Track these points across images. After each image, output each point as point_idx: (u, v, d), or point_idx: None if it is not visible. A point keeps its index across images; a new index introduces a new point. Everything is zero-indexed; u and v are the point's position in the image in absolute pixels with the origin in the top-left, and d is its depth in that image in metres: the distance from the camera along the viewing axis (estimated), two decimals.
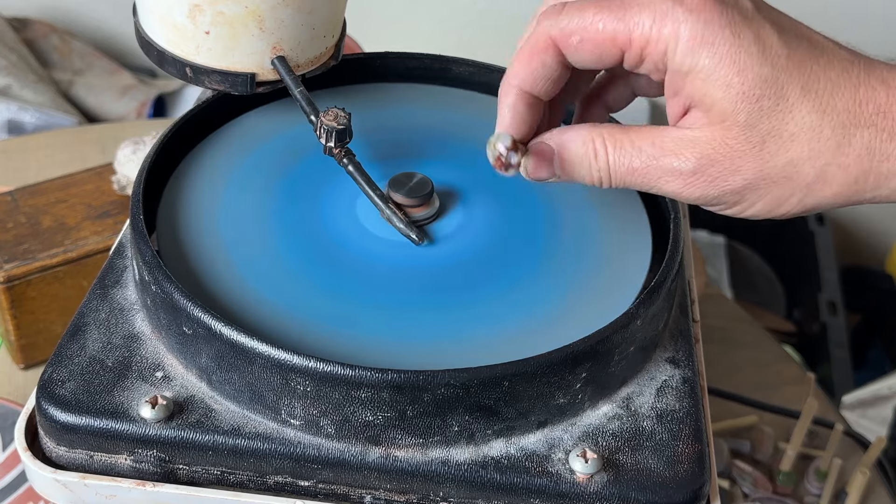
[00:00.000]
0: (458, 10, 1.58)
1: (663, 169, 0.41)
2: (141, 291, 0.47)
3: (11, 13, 1.52)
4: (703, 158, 0.40)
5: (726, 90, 0.39)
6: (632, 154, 0.42)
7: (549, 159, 0.44)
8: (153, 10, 0.52)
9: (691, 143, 0.41)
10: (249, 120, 0.58)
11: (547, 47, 0.42)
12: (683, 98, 0.41)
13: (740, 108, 0.39)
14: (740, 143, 0.40)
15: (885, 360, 1.42)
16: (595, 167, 0.43)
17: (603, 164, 0.42)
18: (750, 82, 0.39)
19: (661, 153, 0.41)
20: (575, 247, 0.51)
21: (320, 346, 0.44)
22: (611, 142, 0.42)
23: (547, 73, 0.43)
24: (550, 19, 0.42)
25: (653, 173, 0.41)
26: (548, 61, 0.43)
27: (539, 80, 0.43)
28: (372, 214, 0.51)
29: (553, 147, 0.44)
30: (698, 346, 0.50)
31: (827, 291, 1.35)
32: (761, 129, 0.40)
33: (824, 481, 0.73)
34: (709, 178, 0.41)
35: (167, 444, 0.42)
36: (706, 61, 0.39)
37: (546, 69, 0.43)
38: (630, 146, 0.42)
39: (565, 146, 0.43)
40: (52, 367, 0.44)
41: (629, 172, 0.42)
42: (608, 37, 0.41)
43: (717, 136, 0.40)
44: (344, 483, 0.43)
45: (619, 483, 0.41)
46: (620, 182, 0.43)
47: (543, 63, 0.43)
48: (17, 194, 0.76)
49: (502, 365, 0.41)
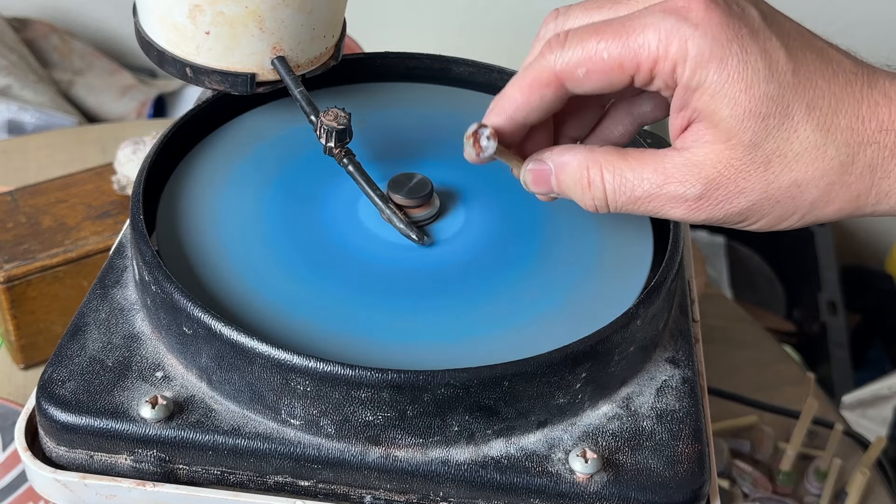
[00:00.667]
0: (458, 10, 1.58)
1: (668, 196, 0.41)
2: (141, 291, 0.47)
3: (11, 13, 1.52)
4: (709, 183, 0.40)
5: (733, 107, 0.39)
6: (633, 183, 0.41)
7: (547, 178, 0.44)
8: (153, 11, 0.52)
9: (696, 168, 0.40)
10: (249, 120, 0.58)
11: (549, 82, 0.42)
12: (690, 112, 0.41)
13: (746, 126, 0.39)
14: (745, 164, 0.40)
15: (885, 360, 1.42)
16: (589, 195, 0.43)
17: (599, 194, 0.42)
18: (756, 100, 0.39)
19: (665, 181, 0.41)
20: (575, 247, 0.51)
21: (320, 346, 0.44)
22: (608, 171, 0.42)
23: (543, 106, 0.42)
24: (554, 52, 0.41)
25: (657, 201, 0.41)
26: (547, 96, 0.42)
27: (533, 113, 0.43)
28: (372, 214, 0.51)
29: (551, 167, 0.43)
30: (698, 346, 0.50)
31: (827, 291, 1.35)
32: (766, 149, 0.39)
33: (824, 481, 0.73)
34: (714, 201, 0.41)
35: (167, 444, 0.42)
36: (714, 77, 0.39)
37: (543, 103, 0.42)
38: (631, 174, 0.42)
39: (563, 168, 0.43)
40: (52, 367, 0.44)
41: (631, 201, 0.42)
42: (615, 64, 0.40)
43: (723, 157, 0.40)
44: (344, 483, 0.43)
45: (619, 483, 0.41)
46: (620, 210, 0.42)
47: (542, 97, 0.42)
48: (17, 194, 0.76)
49: (502, 365, 0.41)
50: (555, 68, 0.41)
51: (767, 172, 0.40)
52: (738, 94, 0.39)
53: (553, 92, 0.42)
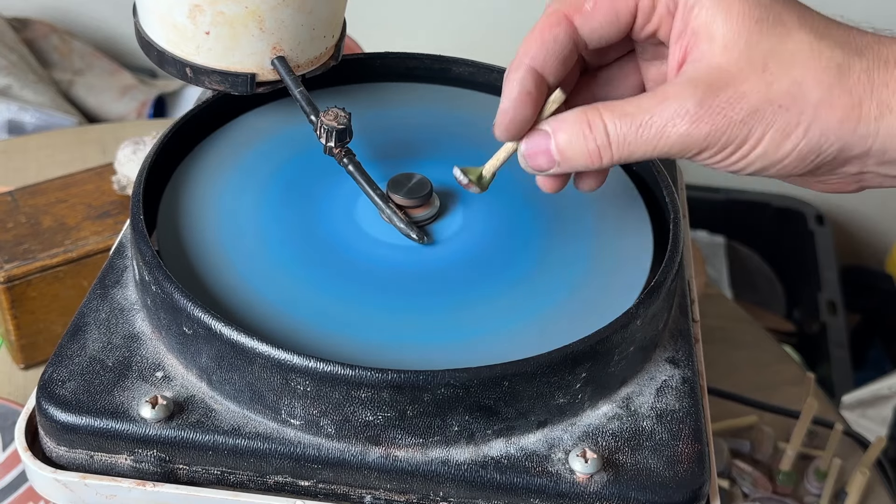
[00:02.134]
0: (458, 10, 1.58)
1: (668, 115, 0.40)
2: (141, 291, 0.47)
3: (11, 13, 1.52)
4: (707, 89, 0.40)
5: (727, 14, 0.40)
6: (632, 115, 0.41)
7: (545, 146, 0.43)
8: (153, 11, 0.52)
9: (692, 82, 0.40)
10: (249, 120, 0.58)
11: (559, 21, 0.42)
12: (688, 36, 0.41)
13: (742, 29, 0.40)
14: (742, 67, 0.40)
15: (885, 360, 1.42)
16: (591, 138, 0.42)
17: (601, 133, 0.41)
18: (749, 4, 0.40)
19: (663, 99, 0.40)
20: (575, 247, 0.51)
21: (320, 346, 0.44)
22: (606, 110, 0.41)
23: (558, 48, 0.43)
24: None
25: (656, 124, 0.40)
26: (560, 36, 0.43)
27: (550, 57, 0.43)
28: (372, 214, 0.51)
29: (548, 130, 0.43)
30: (698, 346, 0.50)
31: (827, 291, 1.35)
32: (762, 49, 0.40)
33: (824, 481, 0.73)
34: (716, 108, 0.40)
35: (167, 444, 0.42)
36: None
37: (558, 44, 0.43)
38: (629, 107, 0.41)
39: (560, 127, 0.43)
40: (53, 367, 0.44)
41: (633, 132, 0.41)
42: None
43: (719, 62, 0.40)
44: (344, 483, 0.43)
45: (618, 483, 0.41)
46: (623, 148, 0.41)
47: (555, 38, 0.43)
48: (17, 194, 0.76)
49: (502, 365, 0.41)
50: (563, 8, 0.42)
51: (766, 73, 0.40)
52: (731, 2, 0.40)
53: (564, 31, 0.43)
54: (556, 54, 0.43)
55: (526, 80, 0.43)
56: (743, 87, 0.40)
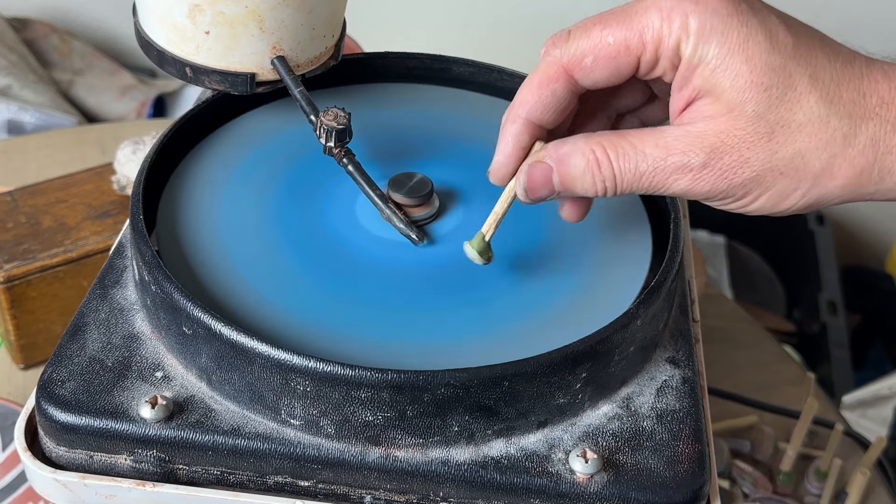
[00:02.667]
0: (458, 10, 1.58)
1: (672, 168, 0.41)
2: (141, 291, 0.47)
3: (11, 13, 1.52)
4: (712, 151, 0.40)
5: (735, 79, 0.39)
6: (636, 159, 0.41)
7: (547, 178, 0.43)
8: (153, 10, 0.52)
9: (699, 138, 0.40)
10: (249, 120, 0.58)
11: (558, 76, 0.42)
12: (691, 90, 0.41)
13: (749, 97, 0.39)
14: (748, 134, 0.40)
15: (885, 360, 1.42)
16: (599, 177, 0.42)
17: (608, 174, 0.42)
18: (759, 71, 0.39)
19: (668, 153, 0.41)
20: (575, 246, 0.51)
21: (320, 346, 0.44)
22: (612, 150, 0.42)
23: (556, 102, 0.43)
24: (559, 47, 0.42)
25: (661, 174, 0.41)
26: (558, 91, 0.43)
27: (547, 110, 0.43)
28: (372, 214, 0.51)
29: (551, 165, 0.43)
30: (698, 346, 0.50)
31: (827, 291, 1.35)
32: (769, 119, 0.40)
33: (824, 481, 0.73)
34: (718, 171, 0.40)
35: (167, 444, 0.42)
36: (716, 51, 0.39)
37: (555, 98, 0.43)
38: (633, 151, 0.41)
39: (564, 161, 0.43)
40: (52, 367, 0.44)
41: (636, 178, 0.42)
42: (621, 48, 0.41)
43: (725, 127, 0.40)
44: (344, 483, 0.43)
45: (619, 483, 0.41)
46: (627, 188, 0.42)
47: (553, 92, 0.43)
48: (17, 194, 0.76)
49: (502, 365, 0.41)
50: (562, 61, 0.42)
51: (771, 142, 0.40)
52: (739, 66, 0.39)
53: (563, 86, 0.42)
54: (554, 107, 0.43)
55: (522, 135, 0.44)
56: (747, 152, 0.40)
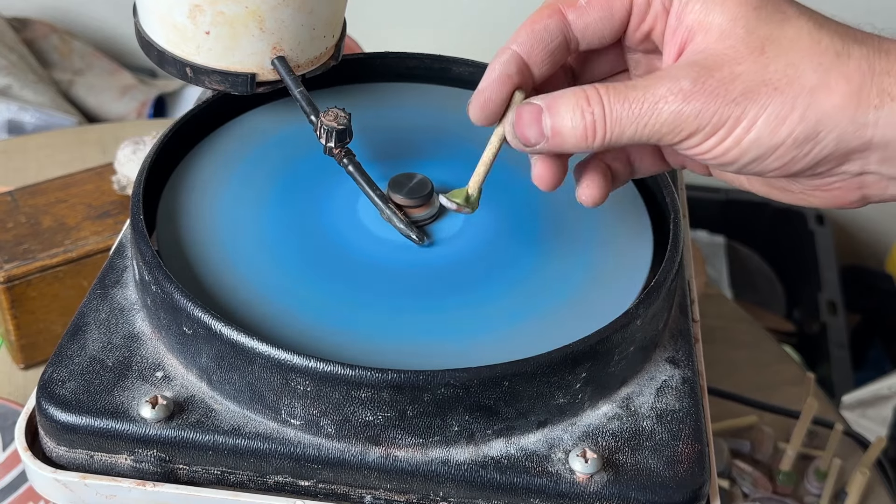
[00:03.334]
0: (458, 10, 1.58)
1: (661, 92, 0.40)
2: (141, 291, 0.47)
3: (11, 13, 1.52)
4: (702, 70, 0.39)
5: (723, 9, 0.40)
6: (626, 91, 0.40)
7: (537, 117, 0.42)
8: (153, 11, 0.52)
9: (688, 64, 0.40)
10: (249, 120, 0.58)
11: (553, 13, 0.42)
12: (683, 30, 0.41)
13: (739, 18, 0.39)
14: (739, 51, 0.39)
15: (885, 360, 1.42)
16: (588, 112, 0.41)
17: (598, 111, 0.41)
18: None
19: (657, 79, 0.40)
20: (574, 246, 0.51)
21: (320, 346, 0.44)
22: (602, 89, 0.41)
23: (547, 37, 0.42)
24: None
25: (649, 100, 0.40)
26: (550, 26, 0.42)
27: (537, 46, 0.42)
28: (372, 214, 0.51)
29: (541, 105, 0.42)
30: (698, 346, 0.50)
31: (827, 291, 1.35)
32: (760, 35, 0.39)
33: (824, 481, 0.73)
34: (709, 87, 0.39)
35: (167, 443, 0.42)
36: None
37: (547, 33, 0.42)
38: (623, 87, 0.41)
39: (555, 101, 0.42)
40: (53, 367, 0.44)
41: (624, 108, 0.40)
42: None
43: (716, 48, 0.40)
44: (344, 483, 0.43)
45: (619, 483, 0.41)
46: (616, 126, 0.41)
47: (546, 27, 0.42)
48: (17, 194, 0.76)
49: (502, 365, 0.41)
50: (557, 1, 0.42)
51: (763, 56, 0.39)
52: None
53: (556, 23, 0.42)
54: (545, 44, 0.43)
55: (509, 63, 0.43)
56: (738, 67, 0.39)
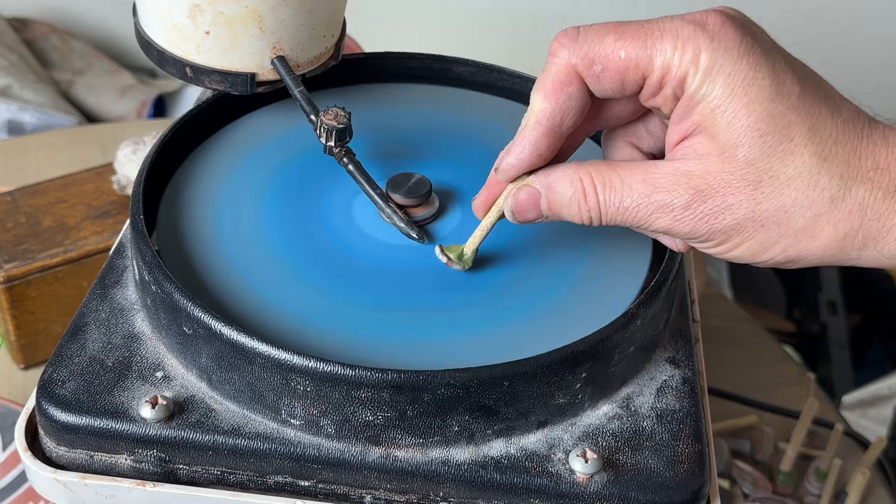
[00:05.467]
0: (458, 10, 1.58)
1: (655, 205, 0.41)
2: (141, 291, 0.47)
3: (11, 13, 1.52)
4: (696, 193, 0.40)
5: (732, 122, 0.39)
6: (622, 193, 0.41)
7: (535, 202, 0.43)
8: (153, 10, 0.52)
9: (685, 178, 0.40)
10: (249, 120, 0.58)
11: (571, 79, 0.42)
12: (688, 124, 0.40)
13: (742, 141, 0.39)
14: (735, 179, 0.39)
15: (885, 360, 1.42)
16: (585, 207, 0.42)
17: (593, 205, 0.42)
18: (757, 116, 0.39)
19: (653, 190, 0.41)
20: (575, 246, 0.51)
21: (320, 346, 0.44)
22: (599, 181, 0.42)
23: (574, 105, 0.42)
24: (569, 48, 0.41)
25: (643, 211, 0.41)
26: (574, 93, 0.42)
27: (567, 115, 0.42)
28: (372, 214, 0.51)
29: (540, 190, 0.43)
30: (698, 346, 0.50)
31: (827, 291, 1.35)
32: (759, 168, 0.39)
33: (824, 481, 0.73)
34: (700, 214, 0.40)
35: (167, 444, 0.42)
36: (720, 91, 0.39)
37: (573, 101, 0.42)
38: (620, 185, 0.41)
39: (552, 187, 0.43)
40: (52, 367, 0.44)
41: (619, 212, 0.42)
42: (630, 65, 0.40)
43: (714, 168, 0.40)
44: (344, 483, 0.43)
45: (619, 483, 0.41)
46: (611, 221, 0.42)
47: (570, 96, 0.42)
48: (17, 194, 0.76)
49: (502, 365, 0.41)
50: (572, 62, 0.41)
51: (756, 192, 0.39)
52: (739, 109, 0.39)
53: (578, 89, 0.42)
54: (573, 110, 0.42)
55: (540, 142, 0.43)
56: (731, 198, 0.40)
